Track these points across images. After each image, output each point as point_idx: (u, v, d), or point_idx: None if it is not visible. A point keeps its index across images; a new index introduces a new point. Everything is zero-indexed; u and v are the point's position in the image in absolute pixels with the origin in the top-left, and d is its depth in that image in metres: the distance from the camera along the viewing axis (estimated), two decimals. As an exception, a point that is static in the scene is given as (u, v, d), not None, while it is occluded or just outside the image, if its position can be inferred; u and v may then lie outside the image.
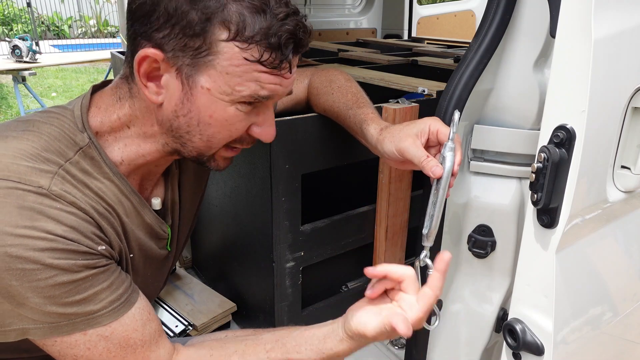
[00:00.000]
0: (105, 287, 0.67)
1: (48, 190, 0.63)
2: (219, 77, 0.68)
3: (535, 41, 0.96)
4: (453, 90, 0.98)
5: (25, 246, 0.60)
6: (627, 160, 0.84)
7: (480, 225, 1.09)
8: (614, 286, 0.96)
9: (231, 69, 0.67)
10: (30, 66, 4.93)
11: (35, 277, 0.61)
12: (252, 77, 0.68)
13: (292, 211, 1.19)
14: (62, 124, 0.71)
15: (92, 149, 0.72)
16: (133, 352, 0.71)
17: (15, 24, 10.83)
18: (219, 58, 0.66)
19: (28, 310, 0.63)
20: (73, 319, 0.65)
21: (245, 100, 0.70)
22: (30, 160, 0.65)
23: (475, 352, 1.16)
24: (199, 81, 0.68)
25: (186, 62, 0.67)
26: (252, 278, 1.43)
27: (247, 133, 0.76)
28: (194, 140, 0.74)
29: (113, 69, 2.20)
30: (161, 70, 0.69)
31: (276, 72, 0.69)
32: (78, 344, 0.67)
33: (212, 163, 0.79)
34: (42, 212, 0.62)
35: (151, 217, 0.81)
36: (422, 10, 3.56)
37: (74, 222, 0.64)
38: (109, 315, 0.68)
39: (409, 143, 0.86)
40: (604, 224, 0.88)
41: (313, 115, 1.14)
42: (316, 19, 3.02)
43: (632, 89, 0.78)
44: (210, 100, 0.69)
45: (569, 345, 0.86)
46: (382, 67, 1.96)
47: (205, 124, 0.72)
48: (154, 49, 0.67)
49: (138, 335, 0.71)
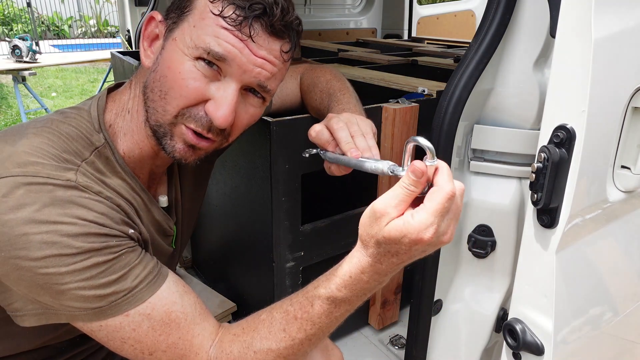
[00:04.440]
0: (137, 264, 0.69)
1: (76, 183, 0.67)
2: (187, 30, 0.71)
3: (535, 41, 0.96)
4: (453, 90, 0.98)
5: (59, 232, 0.62)
6: (627, 160, 0.84)
7: (480, 225, 1.09)
8: (614, 286, 0.96)
9: (198, 22, 0.70)
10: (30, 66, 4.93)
11: (72, 260, 0.62)
12: (212, 31, 0.69)
13: (292, 211, 1.19)
14: (80, 124, 0.74)
15: (107, 149, 0.74)
16: (177, 327, 0.71)
17: (15, 24, 10.83)
18: (194, 12, 0.71)
19: (69, 299, 0.64)
20: (113, 300, 0.66)
21: (200, 55, 0.70)
22: (51, 159, 0.67)
23: (475, 352, 1.16)
24: (173, 34, 0.73)
25: (174, 19, 0.73)
26: (252, 278, 1.43)
27: (203, 109, 0.73)
28: (154, 99, 0.73)
29: (113, 69, 2.20)
30: (158, 35, 0.75)
31: (236, 32, 0.69)
32: (123, 327, 0.67)
33: (169, 142, 0.75)
34: (73, 201, 0.65)
35: (159, 214, 0.84)
36: (422, 10, 3.55)
37: (103, 209, 0.67)
38: (146, 290, 0.68)
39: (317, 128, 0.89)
40: (604, 224, 0.88)
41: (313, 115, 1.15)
42: (316, 19, 3.02)
43: (632, 89, 0.78)
44: (173, 51, 0.72)
45: (569, 345, 0.86)
46: (382, 67, 1.96)
47: (163, 76, 0.72)
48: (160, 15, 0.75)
49: (178, 307, 0.71)
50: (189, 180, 0.97)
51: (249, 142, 1.18)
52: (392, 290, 1.52)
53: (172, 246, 0.91)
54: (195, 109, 0.73)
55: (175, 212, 0.92)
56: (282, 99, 1.15)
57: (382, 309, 1.54)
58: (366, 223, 0.64)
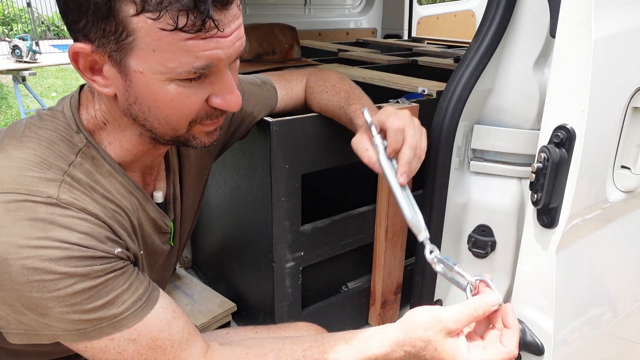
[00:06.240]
0: (125, 289, 0.67)
1: (57, 200, 0.63)
2: (147, 57, 0.61)
3: (535, 41, 0.96)
4: (453, 90, 0.98)
5: (41, 257, 0.59)
6: (627, 160, 0.84)
7: (480, 225, 1.09)
8: (614, 286, 0.96)
9: (155, 44, 0.60)
10: (30, 66, 4.92)
11: (55, 286, 0.60)
12: (180, 49, 0.60)
13: (292, 211, 1.19)
14: (57, 127, 0.70)
15: (92, 149, 0.71)
16: (164, 353, 0.70)
17: (15, 24, 10.84)
18: (138, 36, 0.60)
19: (53, 320, 0.63)
20: (98, 324, 0.65)
21: (183, 77, 0.63)
22: (35, 170, 0.64)
23: (475, 352, 1.16)
24: (131, 65, 0.63)
25: (112, 47, 0.62)
26: (252, 278, 1.43)
27: (210, 105, 0.70)
28: (156, 126, 0.70)
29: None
30: (98, 61, 0.65)
31: (204, 35, 0.60)
32: (108, 349, 0.67)
33: (195, 142, 0.74)
34: (54, 221, 0.61)
35: (155, 211, 0.81)
36: (422, 10, 3.55)
37: (87, 228, 0.64)
38: (132, 316, 0.67)
39: (357, 138, 0.89)
40: (604, 224, 0.88)
41: (313, 115, 1.15)
42: (316, 19, 3.01)
43: (632, 89, 0.78)
44: (147, 83, 0.64)
45: (569, 345, 0.86)
46: (382, 67, 1.96)
47: (155, 108, 0.67)
48: (81, 42, 0.63)
49: (165, 335, 0.70)
50: (191, 177, 0.94)
51: (249, 142, 1.18)
52: (392, 290, 1.52)
53: (170, 244, 0.89)
54: (203, 111, 0.70)
55: (173, 209, 0.90)
56: (285, 102, 1.16)
57: (382, 309, 1.54)
58: (421, 323, 0.69)
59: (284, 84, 1.16)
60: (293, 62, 1.86)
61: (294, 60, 1.88)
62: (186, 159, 0.92)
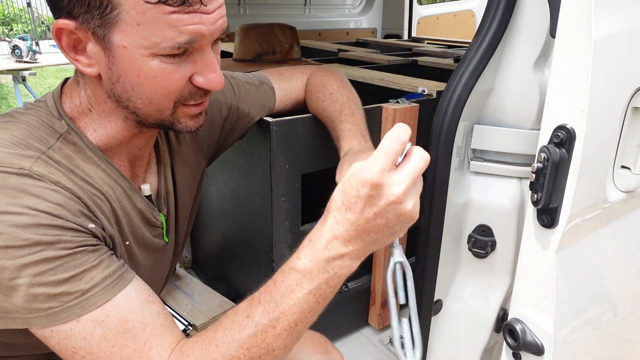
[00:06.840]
0: (94, 265, 0.64)
1: (29, 171, 0.62)
2: (131, 31, 0.62)
3: (535, 41, 0.96)
4: (453, 90, 0.98)
5: (7, 222, 0.58)
6: (627, 160, 0.84)
7: (480, 225, 1.09)
8: (614, 286, 0.96)
9: (139, 18, 0.60)
10: (30, 66, 4.93)
11: (19, 253, 0.59)
12: (164, 23, 0.61)
13: (292, 211, 1.19)
14: (39, 113, 0.70)
15: (73, 135, 0.70)
16: (133, 339, 0.64)
17: (15, 24, 10.84)
18: (123, 10, 0.60)
19: (19, 298, 0.60)
20: (65, 301, 0.61)
21: (166, 52, 0.63)
22: (11, 147, 0.64)
23: (475, 352, 1.16)
24: (114, 40, 0.63)
25: (97, 23, 0.62)
26: (252, 278, 1.43)
27: (193, 85, 0.70)
28: (139, 106, 0.69)
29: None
30: (82, 39, 0.65)
31: (188, 9, 0.61)
32: (74, 334, 0.63)
33: (180, 125, 0.74)
34: (24, 190, 0.60)
35: (142, 202, 0.80)
36: (422, 10, 3.55)
37: (59, 199, 0.62)
38: (101, 294, 0.63)
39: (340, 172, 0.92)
40: (604, 224, 0.88)
41: (313, 115, 1.15)
42: (316, 19, 3.02)
43: (632, 89, 0.78)
44: (130, 59, 0.64)
45: (569, 345, 0.86)
46: (382, 67, 1.96)
47: (137, 85, 0.67)
48: (64, 19, 0.63)
49: (137, 316, 0.65)
50: (185, 173, 0.93)
51: (249, 142, 1.18)
52: (392, 290, 1.52)
53: (163, 239, 0.87)
54: (187, 90, 0.70)
55: (166, 203, 0.88)
56: (284, 103, 1.15)
57: (382, 309, 1.54)
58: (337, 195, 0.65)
59: (283, 84, 1.15)
60: (293, 62, 1.86)
61: (294, 60, 1.89)
62: (178, 155, 0.92)
